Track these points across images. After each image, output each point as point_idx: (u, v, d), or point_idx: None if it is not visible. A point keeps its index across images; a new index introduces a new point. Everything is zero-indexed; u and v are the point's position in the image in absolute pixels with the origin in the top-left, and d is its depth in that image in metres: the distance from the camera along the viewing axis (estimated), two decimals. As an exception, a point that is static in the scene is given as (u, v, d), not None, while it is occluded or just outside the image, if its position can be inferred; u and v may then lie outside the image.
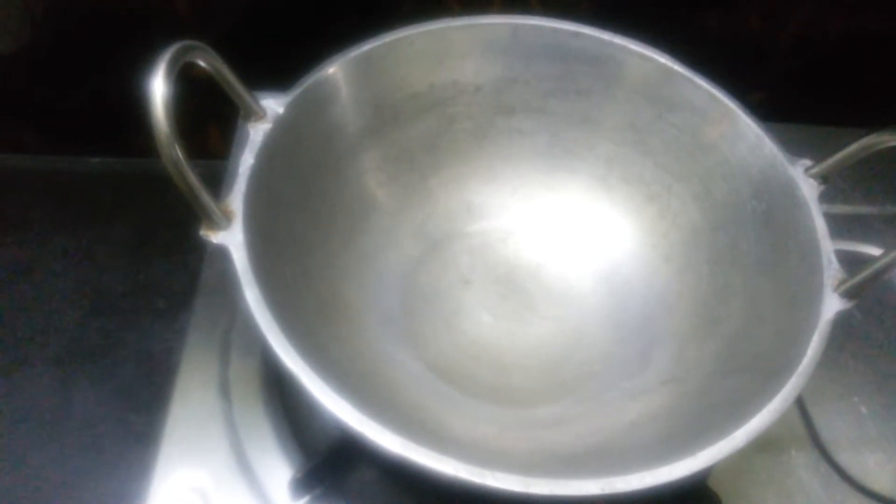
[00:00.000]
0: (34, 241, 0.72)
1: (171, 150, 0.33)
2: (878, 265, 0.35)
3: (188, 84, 0.35)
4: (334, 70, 0.42)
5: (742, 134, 0.42)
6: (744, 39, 0.67)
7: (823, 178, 0.40)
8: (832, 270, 0.37)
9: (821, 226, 0.38)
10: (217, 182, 0.53)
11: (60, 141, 0.77)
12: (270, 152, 0.39)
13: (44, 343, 0.67)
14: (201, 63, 0.37)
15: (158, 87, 0.33)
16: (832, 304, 0.35)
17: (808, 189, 0.39)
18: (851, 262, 0.37)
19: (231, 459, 0.43)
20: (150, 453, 0.62)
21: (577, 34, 0.45)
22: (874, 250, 0.54)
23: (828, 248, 0.37)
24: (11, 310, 0.68)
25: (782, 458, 0.45)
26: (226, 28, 0.66)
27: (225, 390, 0.45)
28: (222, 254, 0.35)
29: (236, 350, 0.47)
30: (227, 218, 0.35)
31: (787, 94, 0.70)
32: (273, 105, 0.40)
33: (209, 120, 0.74)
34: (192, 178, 0.34)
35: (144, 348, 0.69)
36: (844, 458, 0.45)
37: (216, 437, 0.43)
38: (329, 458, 0.40)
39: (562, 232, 0.50)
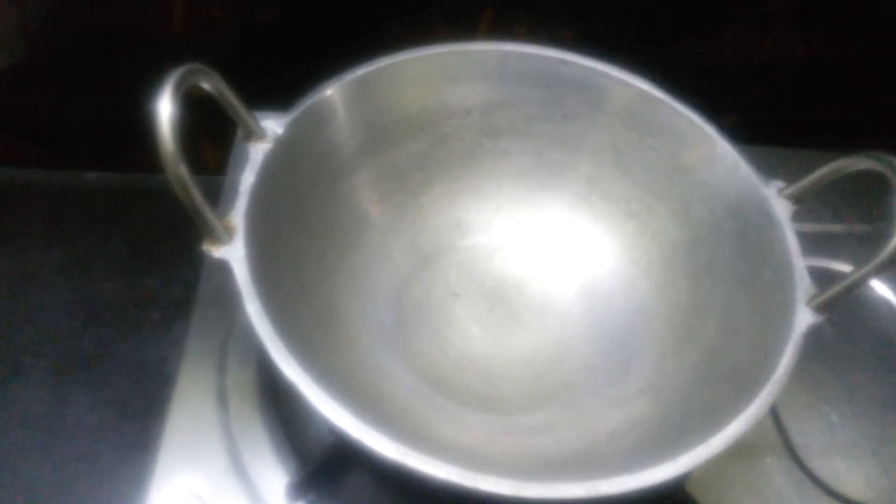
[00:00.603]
0: (30, 253, 0.73)
1: (176, 167, 0.35)
2: (847, 281, 0.37)
3: (183, 102, 0.36)
4: (332, 93, 0.44)
5: (719, 157, 0.44)
6: (717, 66, 0.69)
7: (796, 199, 0.42)
8: (804, 286, 0.39)
9: (793, 244, 0.40)
10: (212, 197, 0.55)
11: (56, 155, 0.78)
12: (270, 171, 0.40)
13: (39, 353, 0.68)
14: (205, 86, 0.39)
15: (165, 108, 0.34)
16: (804, 318, 0.37)
17: (782, 209, 0.42)
18: (822, 278, 0.39)
19: (228, 466, 0.44)
20: (145, 461, 0.63)
21: (563, 61, 0.47)
22: (844, 266, 0.56)
23: (800, 264, 0.39)
24: (7, 320, 0.69)
25: (757, 464, 0.47)
26: (221, 48, 0.68)
27: (222, 399, 0.47)
28: (219, 267, 0.36)
29: (233, 360, 0.48)
30: (229, 233, 0.37)
31: (759, 118, 0.73)
32: (272, 126, 0.42)
33: (203, 137, 0.75)
34: (197, 195, 0.36)
35: (139, 359, 0.70)
36: (816, 464, 0.47)
37: (214, 444, 0.45)
38: (324, 464, 0.42)
39: (546, 248, 0.52)
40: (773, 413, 0.49)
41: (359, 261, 0.47)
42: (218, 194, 0.55)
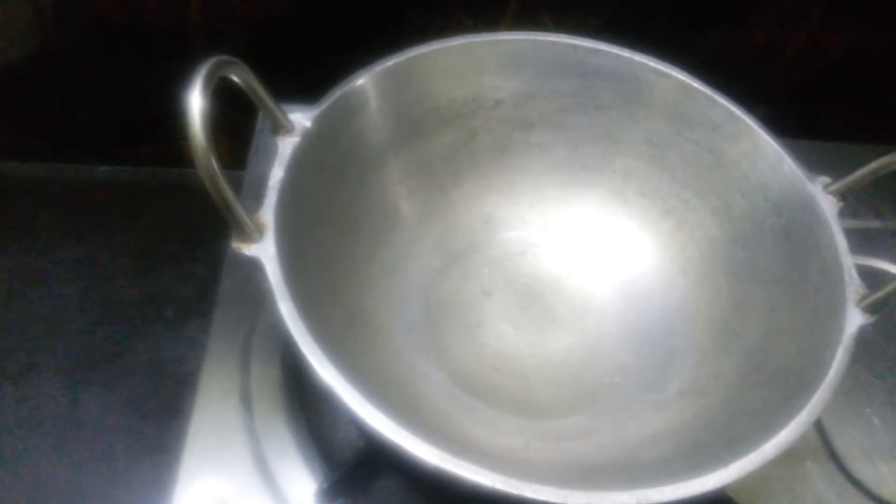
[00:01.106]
0: (42, 250, 0.72)
1: (208, 162, 0.33)
2: (899, 281, 0.36)
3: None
4: (362, 83, 0.43)
5: (762, 152, 0.43)
6: (748, 55, 0.68)
7: (842, 196, 0.41)
8: (854, 286, 0.37)
9: (841, 242, 0.39)
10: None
11: (69, 149, 0.77)
12: (299, 166, 0.39)
13: (52, 351, 0.67)
14: (234, 78, 0.37)
15: (196, 102, 0.33)
16: (855, 319, 0.36)
17: (828, 206, 0.40)
18: (863, 276, 0.38)
19: (253, 469, 0.43)
20: (161, 462, 0.62)
21: (595, 51, 0.46)
22: (884, 264, 0.55)
23: (849, 263, 0.38)
24: (20, 318, 0.68)
25: (798, 469, 0.46)
26: (240, 39, 0.66)
27: (246, 400, 0.45)
28: (240, 264, 0.35)
29: (256, 360, 0.47)
30: (259, 231, 0.36)
31: (791, 109, 0.72)
32: (301, 119, 0.40)
33: (218, 130, 0.74)
34: (228, 191, 0.34)
35: (153, 357, 0.69)
36: (858, 469, 0.46)
37: (238, 446, 0.43)
38: (354, 469, 0.41)
39: (580, 245, 0.51)
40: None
41: (388, 258, 0.46)
42: (236, 189, 0.54)
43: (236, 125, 0.55)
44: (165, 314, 0.71)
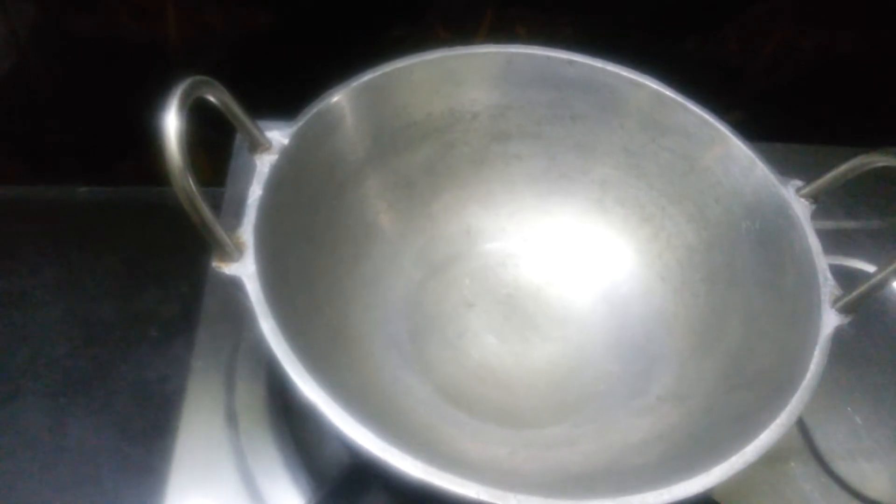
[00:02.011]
0: (23, 272, 0.72)
1: (185, 183, 0.33)
2: (873, 280, 0.36)
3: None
4: (338, 99, 0.43)
5: (734, 157, 0.43)
6: (722, 62, 0.69)
7: (814, 198, 0.41)
8: (828, 287, 0.38)
9: (815, 244, 0.39)
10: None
11: (48, 170, 0.76)
12: (277, 183, 0.39)
13: (36, 375, 0.67)
14: (210, 98, 0.37)
15: (172, 122, 0.33)
16: (830, 320, 0.37)
17: (801, 208, 0.41)
18: (839, 276, 0.39)
19: (240, 487, 0.42)
20: (148, 483, 0.62)
21: (570, 62, 0.46)
22: (860, 264, 0.55)
23: (823, 265, 0.39)
24: (2, 343, 0.68)
25: (782, 470, 0.46)
26: (216, 57, 0.66)
27: (231, 418, 0.45)
28: (223, 283, 0.35)
29: (241, 377, 0.47)
30: (239, 249, 0.36)
31: (764, 114, 0.72)
32: (278, 136, 0.41)
33: (197, 148, 0.74)
34: (206, 211, 0.34)
35: (139, 378, 0.68)
36: (842, 467, 0.47)
37: (225, 465, 0.43)
38: (341, 485, 0.41)
39: (560, 254, 0.51)
40: (798, 417, 0.48)
41: (369, 272, 0.46)
42: (216, 206, 0.54)
43: (216, 143, 0.55)
44: (150, 334, 0.70)
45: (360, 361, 0.42)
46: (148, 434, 0.65)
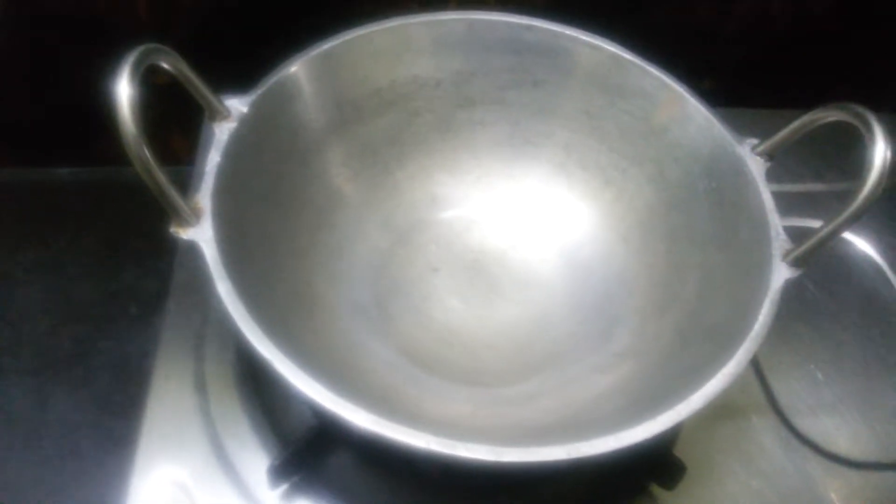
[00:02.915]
0: (3, 253, 0.72)
1: (139, 150, 0.34)
2: (821, 234, 0.37)
3: (150, 90, 0.35)
4: (295, 69, 0.43)
5: (691, 117, 0.44)
6: (692, 29, 0.68)
7: (769, 156, 0.42)
8: (780, 241, 0.38)
9: (768, 200, 0.40)
10: (184, 188, 0.54)
11: (26, 152, 0.77)
12: (237, 150, 0.40)
13: (17, 353, 0.67)
14: (164, 65, 0.38)
15: (123, 90, 0.34)
16: (781, 273, 0.37)
17: (756, 167, 0.41)
18: (805, 237, 0.39)
19: (210, 453, 0.43)
20: (129, 456, 0.63)
21: (529, 27, 0.47)
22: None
23: (775, 221, 0.39)
24: (-18, 321, 0.68)
25: (744, 425, 0.47)
26: (188, 30, 0.66)
27: (201, 386, 0.46)
28: (194, 254, 0.36)
29: (210, 347, 0.47)
30: (197, 215, 0.36)
31: (737, 80, 0.72)
32: (237, 105, 0.41)
33: (172, 126, 0.74)
34: (161, 177, 0.35)
35: (119, 354, 0.69)
36: (803, 423, 0.47)
37: (194, 432, 0.44)
38: (305, 446, 0.41)
39: (524, 218, 0.51)
40: (759, 373, 0.49)
41: (334, 239, 0.47)
42: (190, 184, 0.54)
43: (194, 123, 0.55)
44: (129, 311, 0.71)
45: (323, 326, 0.42)
46: (128, 409, 0.65)
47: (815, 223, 0.55)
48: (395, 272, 0.48)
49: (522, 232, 0.51)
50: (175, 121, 0.66)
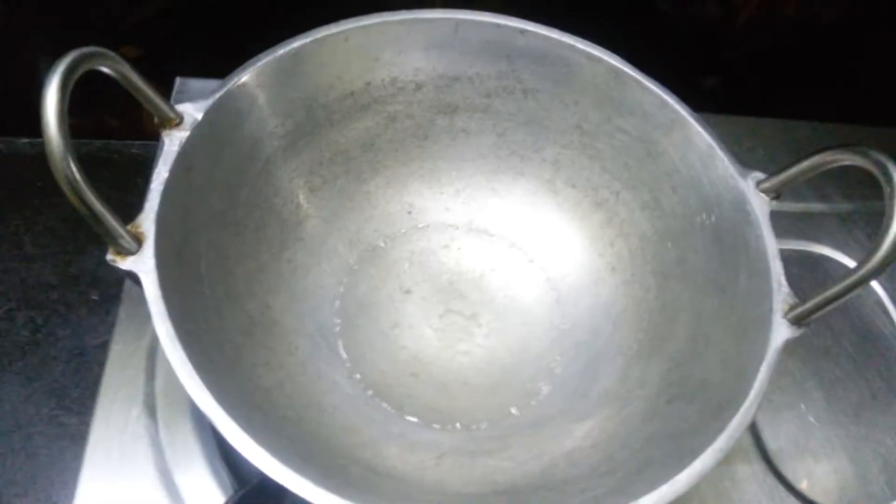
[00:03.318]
0: (-45, 230, 0.68)
1: (66, 170, 0.30)
2: (829, 292, 0.33)
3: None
4: (260, 67, 0.39)
5: (693, 143, 0.40)
6: (699, 25, 0.64)
7: (775, 193, 0.38)
8: (782, 295, 0.35)
9: (772, 246, 0.36)
10: (149, 163, 0.50)
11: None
12: (188, 163, 0.36)
13: (-32, 338, 0.64)
14: (106, 70, 0.33)
15: (52, 100, 0.30)
16: (781, 333, 0.34)
17: (760, 205, 0.37)
18: (804, 262, 0.36)
19: (158, 482, 0.41)
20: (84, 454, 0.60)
21: (522, 31, 0.42)
22: (827, 251, 0.53)
23: (778, 270, 0.36)
24: (-69, 304, 0.65)
25: (728, 470, 0.44)
26: (156, 8, 0.62)
27: (150, 407, 0.43)
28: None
29: (163, 362, 0.44)
30: (138, 240, 0.33)
31: (742, 80, 0.69)
32: (191, 110, 0.37)
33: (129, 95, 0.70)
34: (93, 200, 0.31)
35: (76, 344, 0.65)
36: (791, 468, 0.45)
37: (141, 457, 0.41)
38: (262, 485, 0.38)
39: (507, 238, 0.48)
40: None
41: (298, 256, 0.43)
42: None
43: (166, 93, 0.51)
44: (89, 297, 0.68)
45: (281, 356, 0.39)
46: (85, 403, 0.63)
47: (817, 248, 0.53)
48: (364, 293, 0.44)
49: (503, 253, 0.47)
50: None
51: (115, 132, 0.69)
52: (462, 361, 0.43)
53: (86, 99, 0.29)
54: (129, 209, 0.35)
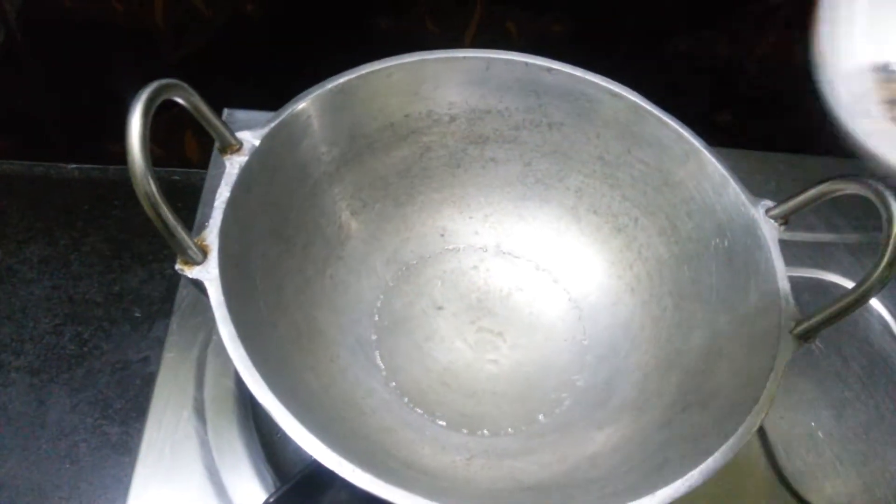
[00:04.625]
0: (9, 249, 0.72)
1: (147, 187, 0.34)
2: (832, 309, 0.36)
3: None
4: (309, 102, 0.43)
5: (707, 173, 0.43)
6: (713, 63, 0.68)
7: (784, 220, 0.41)
8: (789, 312, 0.38)
9: (780, 267, 0.39)
10: (195, 192, 0.53)
11: (37, 147, 0.77)
12: (246, 185, 0.39)
13: (18, 351, 0.68)
14: (178, 100, 0.37)
15: (136, 125, 0.33)
16: (788, 347, 0.37)
17: (769, 231, 0.41)
18: (814, 290, 0.39)
19: (206, 481, 0.43)
20: (125, 463, 0.63)
21: (549, 69, 0.46)
22: (836, 278, 0.55)
23: (786, 289, 0.39)
24: (-15, 317, 0.68)
25: (741, 483, 0.47)
26: (203, 41, 0.66)
27: (199, 411, 0.46)
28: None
29: (211, 370, 0.47)
30: (203, 252, 0.36)
31: (753, 117, 0.72)
32: (249, 137, 0.40)
33: (185, 127, 0.74)
34: (168, 215, 0.35)
35: (120, 357, 0.69)
36: (803, 484, 0.47)
37: (191, 458, 0.44)
38: (302, 482, 0.41)
39: (532, 260, 0.51)
40: (760, 432, 0.48)
41: (340, 273, 0.46)
42: (201, 189, 0.54)
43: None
44: (133, 314, 0.71)
45: (325, 364, 0.42)
46: (127, 414, 0.66)
47: (826, 275, 0.56)
48: (399, 309, 0.48)
49: (529, 274, 0.51)
50: (189, 122, 0.66)
51: (158, 160, 0.73)
52: (490, 372, 0.46)
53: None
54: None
